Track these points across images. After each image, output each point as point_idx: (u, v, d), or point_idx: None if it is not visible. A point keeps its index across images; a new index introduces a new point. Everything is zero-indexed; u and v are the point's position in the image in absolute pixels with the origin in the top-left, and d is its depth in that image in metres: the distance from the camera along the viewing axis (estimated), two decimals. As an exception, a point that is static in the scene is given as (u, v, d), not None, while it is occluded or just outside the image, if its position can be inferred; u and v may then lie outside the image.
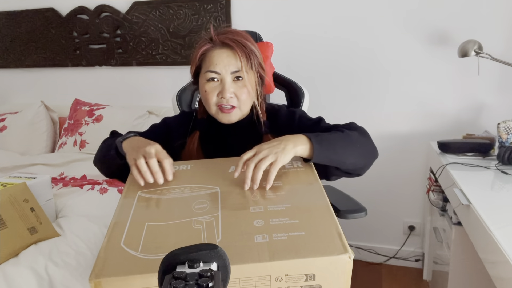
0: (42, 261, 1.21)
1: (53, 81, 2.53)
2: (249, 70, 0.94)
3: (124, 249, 0.64)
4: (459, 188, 1.26)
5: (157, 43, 2.22)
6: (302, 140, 0.81)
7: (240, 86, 0.93)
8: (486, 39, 1.69)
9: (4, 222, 1.21)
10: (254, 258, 0.59)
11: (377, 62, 1.91)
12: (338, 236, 0.64)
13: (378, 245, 2.15)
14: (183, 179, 0.82)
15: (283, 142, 0.80)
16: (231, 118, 0.96)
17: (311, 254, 0.60)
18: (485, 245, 1.01)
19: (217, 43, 0.94)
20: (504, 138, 1.51)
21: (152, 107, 2.20)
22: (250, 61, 0.93)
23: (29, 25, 2.43)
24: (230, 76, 0.92)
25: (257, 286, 0.59)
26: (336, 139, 0.85)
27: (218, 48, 0.93)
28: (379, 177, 2.04)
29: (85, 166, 1.87)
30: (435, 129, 1.90)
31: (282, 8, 1.98)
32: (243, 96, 0.94)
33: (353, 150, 0.87)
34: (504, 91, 1.79)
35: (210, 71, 0.93)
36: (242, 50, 0.92)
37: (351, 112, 2.00)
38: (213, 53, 0.93)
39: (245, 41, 0.93)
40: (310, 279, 0.60)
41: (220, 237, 0.65)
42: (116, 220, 0.72)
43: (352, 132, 0.90)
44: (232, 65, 0.92)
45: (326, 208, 0.71)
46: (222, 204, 0.73)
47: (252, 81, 0.96)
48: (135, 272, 0.59)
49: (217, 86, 0.93)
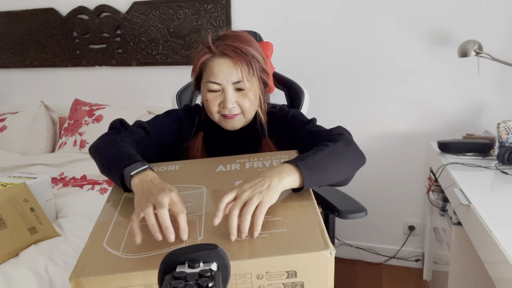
0: (42, 261, 1.21)
1: (53, 81, 2.53)
2: (251, 78, 0.92)
3: (106, 249, 0.64)
4: (459, 188, 1.26)
5: (157, 43, 2.22)
6: (288, 170, 0.72)
7: (243, 95, 0.92)
8: (486, 39, 1.69)
9: (4, 222, 1.21)
10: (234, 256, 0.59)
11: (377, 62, 1.91)
12: (320, 232, 0.63)
13: (378, 245, 2.15)
14: (171, 179, 0.80)
15: (266, 178, 0.69)
16: (235, 124, 0.95)
17: (291, 251, 0.60)
18: (485, 245, 1.01)
19: (216, 53, 0.90)
20: (504, 138, 1.51)
21: (152, 107, 2.20)
22: (252, 68, 0.90)
23: (29, 25, 2.43)
24: (232, 86, 0.90)
25: (238, 284, 0.60)
26: (324, 158, 0.77)
27: (218, 58, 0.90)
28: (379, 177, 2.04)
29: (85, 166, 1.87)
30: (435, 129, 1.90)
31: (282, 8, 1.98)
32: (246, 104, 0.92)
33: (342, 164, 0.81)
34: (504, 91, 1.79)
35: (210, 82, 0.91)
36: (242, 59, 0.89)
37: (351, 112, 2.00)
38: (213, 63, 0.90)
39: (246, 48, 0.90)
40: (291, 276, 0.60)
41: (202, 236, 0.65)
42: (100, 220, 0.73)
43: (337, 144, 0.82)
44: (233, 75, 0.89)
45: (311, 205, 0.71)
46: (206, 203, 0.73)
47: (255, 88, 0.94)
48: (115, 271, 0.59)
49: (218, 96, 0.92)
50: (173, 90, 1.40)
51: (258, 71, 0.93)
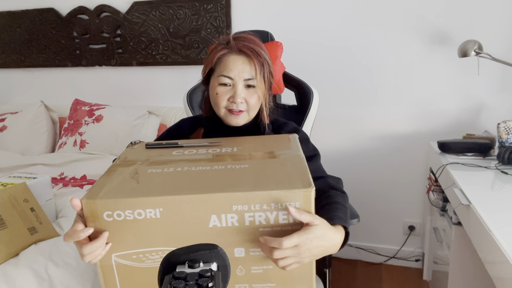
0: (42, 261, 1.21)
1: (53, 81, 2.53)
2: (261, 78, 0.97)
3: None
4: (459, 188, 1.26)
5: (157, 43, 2.22)
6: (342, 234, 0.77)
7: (251, 92, 0.96)
8: (486, 39, 1.69)
9: (4, 222, 1.21)
10: None
11: (377, 61, 1.91)
12: None
13: (378, 245, 2.15)
14: None
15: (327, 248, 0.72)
16: (239, 120, 0.98)
17: None
18: (485, 245, 1.01)
19: (234, 49, 0.96)
20: (504, 138, 1.51)
21: (152, 107, 2.20)
22: (263, 70, 0.96)
23: (29, 25, 2.43)
24: (243, 83, 0.95)
25: None
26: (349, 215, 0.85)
27: (234, 54, 0.95)
28: (379, 177, 2.04)
29: (85, 166, 1.87)
30: (435, 129, 1.90)
31: (282, 8, 1.98)
32: (253, 101, 0.96)
33: None
34: (504, 91, 1.79)
35: (223, 76, 0.95)
36: (257, 60, 0.95)
37: (351, 112, 2.00)
38: (229, 59, 0.95)
39: (260, 50, 0.96)
40: None
41: None
42: None
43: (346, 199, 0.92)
44: (246, 73, 0.95)
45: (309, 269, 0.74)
46: None
47: (262, 88, 0.98)
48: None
49: (228, 90, 0.96)
50: (173, 90, 1.40)
51: (267, 74, 0.98)
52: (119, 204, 0.67)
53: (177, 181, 0.73)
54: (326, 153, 2.07)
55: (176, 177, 0.74)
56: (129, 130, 2.05)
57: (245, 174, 0.74)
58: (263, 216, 0.68)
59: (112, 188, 0.71)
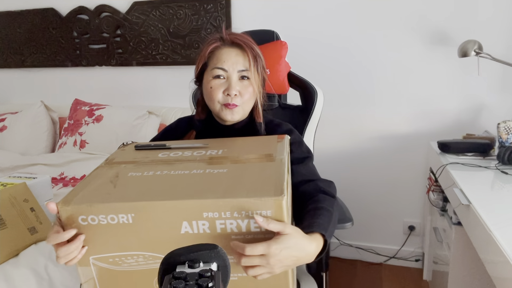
0: (42, 261, 1.21)
1: (53, 81, 2.53)
2: (255, 70, 0.96)
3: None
4: (459, 188, 1.26)
5: (157, 43, 2.22)
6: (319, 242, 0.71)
7: (246, 85, 0.96)
8: (486, 39, 1.69)
9: (4, 222, 1.21)
10: None
11: (377, 61, 1.91)
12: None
13: (378, 245, 2.15)
14: None
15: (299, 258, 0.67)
16: (234, 115, 0.97)
17: None
18: (485, 245, 1.01)
19: (227, 41, 0.96)
20: (504, 138, 1.51)
21: (152, 107, 2.19)
22: (257, 63, 0.96)
23: (29, 25, 2.43)
24: (237, 75, 0.95)
25: None
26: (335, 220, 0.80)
27: (228, 47, 0.96)
28: (379, 177, 2.04)
29: (85, 166, 1.87)
30: (435, 129, 1.90)
31: (282, 9, 1.98)
32: (247, 95, 0.95)
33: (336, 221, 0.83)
34: (504, 91, 1.79)
35: (217, 68, 0.94)
36: (251, 51, 0.95)
37: (351, 112, 2.00)
38: (222, 51, 0.95)
39: (253, 44, 0.97)
40: None
41: None
42: None
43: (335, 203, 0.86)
44: (240, 64, 0.94)
45: None
46: None
47: (256, 82, 0.98)
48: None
49: (223, 83, 0.95)
50: (173, 90, 1.40)
51: (261, 68, 0.98)
52: (93, 209, 0.67)
53: (152, 186, 0.72)
54: (326, 153, 2.07)
55: (153, 181, 0.74)
56: (129, 130, 2.05)
57: (221, 179, 0.72)
58: (234, 224, 0.66)
59: (89, 192, 0.72)
